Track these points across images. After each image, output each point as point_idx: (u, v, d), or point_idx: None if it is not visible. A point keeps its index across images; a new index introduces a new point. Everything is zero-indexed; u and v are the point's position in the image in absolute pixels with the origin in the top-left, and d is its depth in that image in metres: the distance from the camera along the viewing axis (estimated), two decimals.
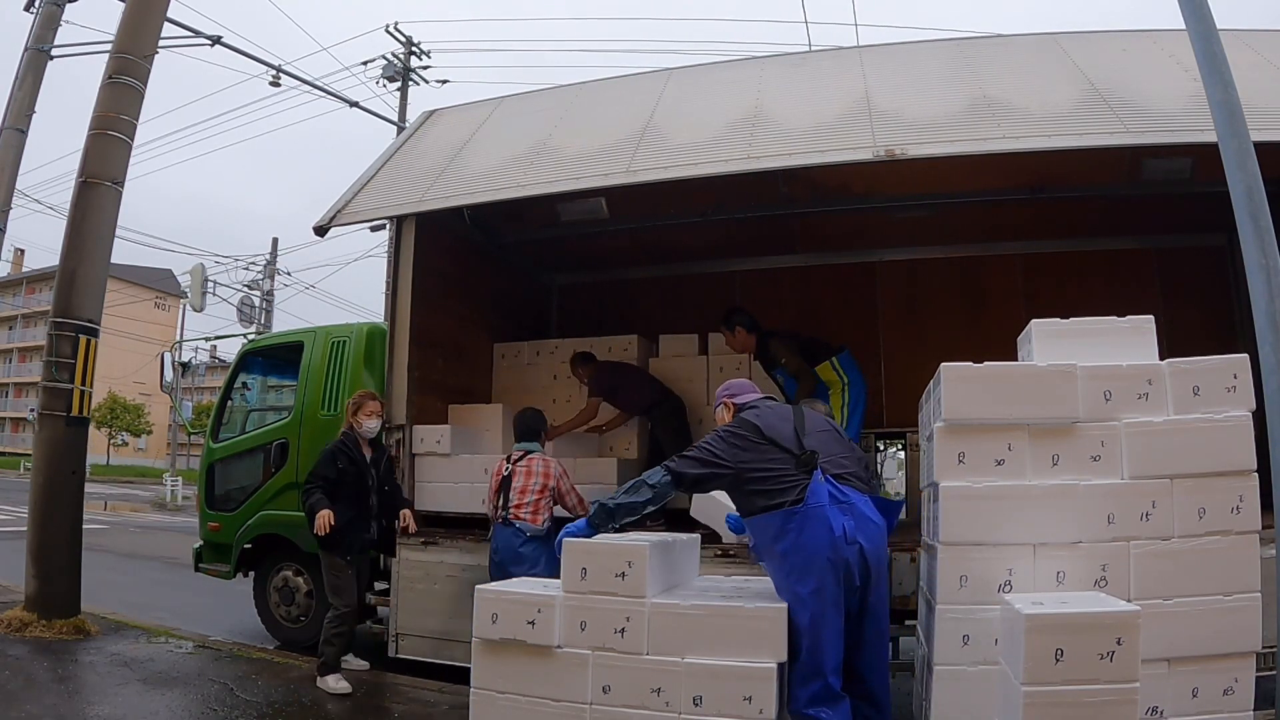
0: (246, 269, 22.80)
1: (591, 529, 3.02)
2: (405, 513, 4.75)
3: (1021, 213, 6.01)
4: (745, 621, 2.87)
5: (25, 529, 5.45)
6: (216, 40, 11.42)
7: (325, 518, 4.24)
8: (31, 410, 23.99)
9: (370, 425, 4.59)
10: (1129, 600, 2.77)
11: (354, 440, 4.52)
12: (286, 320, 38.66)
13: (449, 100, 29.00)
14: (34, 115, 8.50)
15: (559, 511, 4.50)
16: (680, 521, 5.53)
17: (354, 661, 4.69)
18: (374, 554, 5.03)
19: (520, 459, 4.50)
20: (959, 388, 3.11)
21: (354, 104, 15.91)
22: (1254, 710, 2.87)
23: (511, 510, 4.35)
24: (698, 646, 2.84)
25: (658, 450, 5.68)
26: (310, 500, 4.33)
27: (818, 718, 2.80)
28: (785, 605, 2.91)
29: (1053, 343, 3.22)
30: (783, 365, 5.42)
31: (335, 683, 4.30)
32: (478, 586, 3.15)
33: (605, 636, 2.92)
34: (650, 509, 3.03)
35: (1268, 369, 3.13)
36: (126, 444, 49.12)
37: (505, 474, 4.46)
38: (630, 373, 6.03)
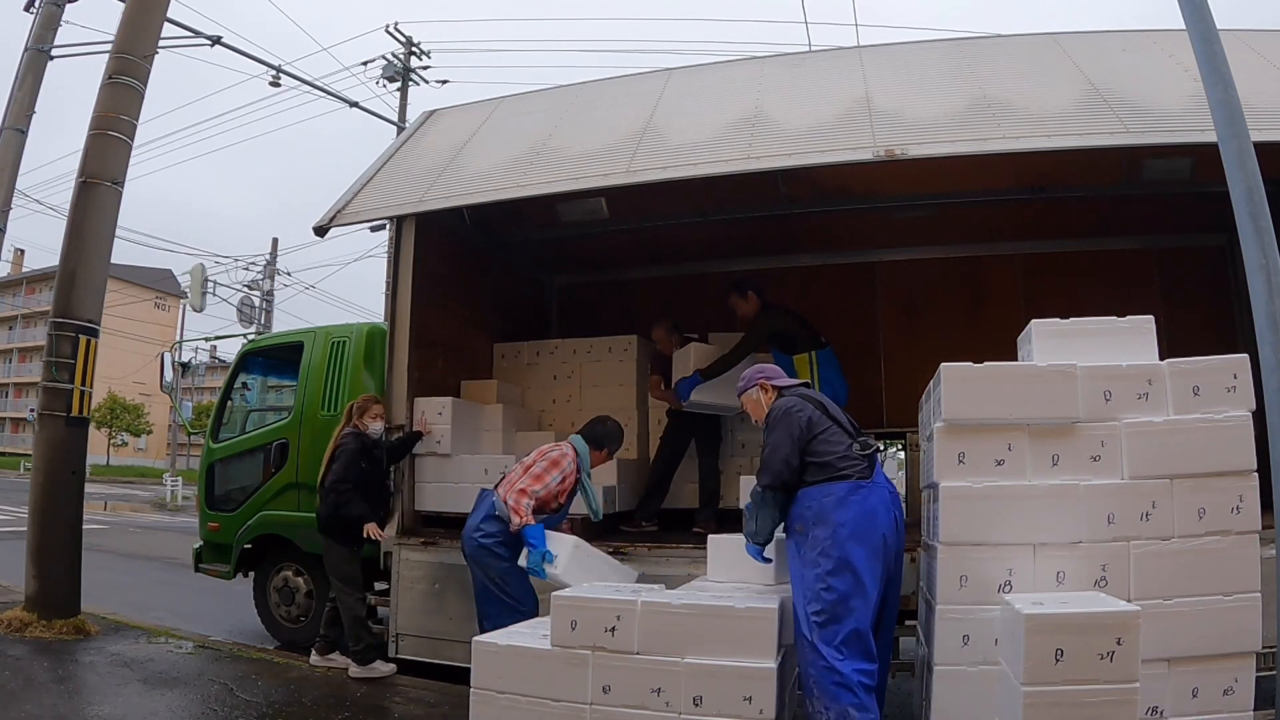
0: (246, 269, 22.82)
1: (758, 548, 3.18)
2: (370, 526, 4.64)
3: (1021, 213, 6.01)
4: (737, 621, 2.87)
5: (25, 529, 5.45)
6: (216, 40, 11.42)
7: (374, 530, 4.62)
8: (31, 410, 24.00)
9: (376, 428, 4.77)
10: (1129, 600, 2.78)
11: (369, 440, 4.72)
12: (286, 320, 38.76)
13: (449, 100, 29.00)
14: (34, 115, 8.49)
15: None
16: (677, 523, 5.55)
17: (338, 659, 4.74)
18: (370, 552, 5.00)
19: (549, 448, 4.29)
20: (959, 388, 3.12)
21: (354, 104, 15.92)
22: (1254, 710, 2.88)
23: (502, 481, 4.15)
24: (689, 646, 2.84)
25: (678, 448, 5.64)
26: (353, 510, 4.59)
27: (859, 702, 2.77)
28: (777, 605, 2.91)
29: (1053, 343, 3.23)
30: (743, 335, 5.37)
31: (384, 666, 4.57)
32: (554, 594, 3.14)
33: (596, 635, 2.93)
34: (779, 517, 3.12)
35: (1268, 369, 3.13)
36: (126, 444, 49.10)
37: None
38: None
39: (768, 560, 3.24)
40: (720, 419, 5.73)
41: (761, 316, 5.43)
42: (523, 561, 3.86)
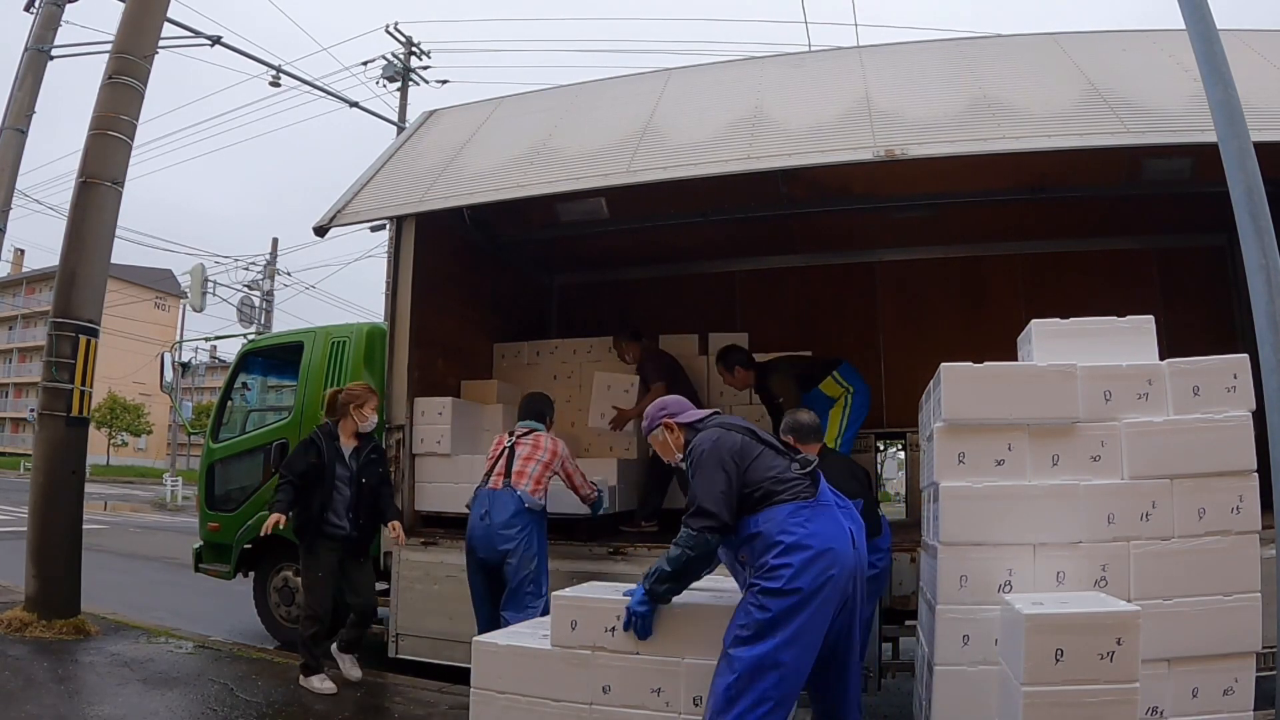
0: (246, 269, 22.83)
1: (652, 603, 2.77)
2: (395, 525, 4.48)
3: (1022, 213, 6.01)
4: None
5: (25, 529, 5.45)
6: (216, 40, 11.41)
7: (270, 521, 4.10)
8: (31, 410, 24.00)
9: (373, 420, 4.46)
10: (1129, 600, 2.78)
11: (330, 432, 4.38)
12: (286, 320, 38.77)
13: (449, 100, 28.99)
14: (34, 115, 8.49)
15: (569, 500, 4.56)
16: (677, 523, 5.54)
17: (350, 670, 4.47)
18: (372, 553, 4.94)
19: (525, 434, 4.42)
20: (959, 388, 3.12)
21: (354, 104, 15.91)
22: (1254, 710, 2.88)
23: (513, 476, 4.23)
24: (689, 646, 2.82)
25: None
26: (273, 498, 4.27)
27: None
28: None
29: (1053, 343, 3.23)
30: (780, 403, 5.42)
31: (319, 683, 4.23)
32: (555, 594, 3.10)
33: (596, 635, 2.93)
34: (706, 570, 2.78)
35: (1268, 369, 3.13)
36: (126, 444, 49.10)
37: (508, 445, 4.38)
38: (675, 363, 5.93)
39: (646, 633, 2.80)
40: None
41: (775, 378, 5.44)
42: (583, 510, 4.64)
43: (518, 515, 4.15)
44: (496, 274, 6.66)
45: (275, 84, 15.04)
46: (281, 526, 4.13)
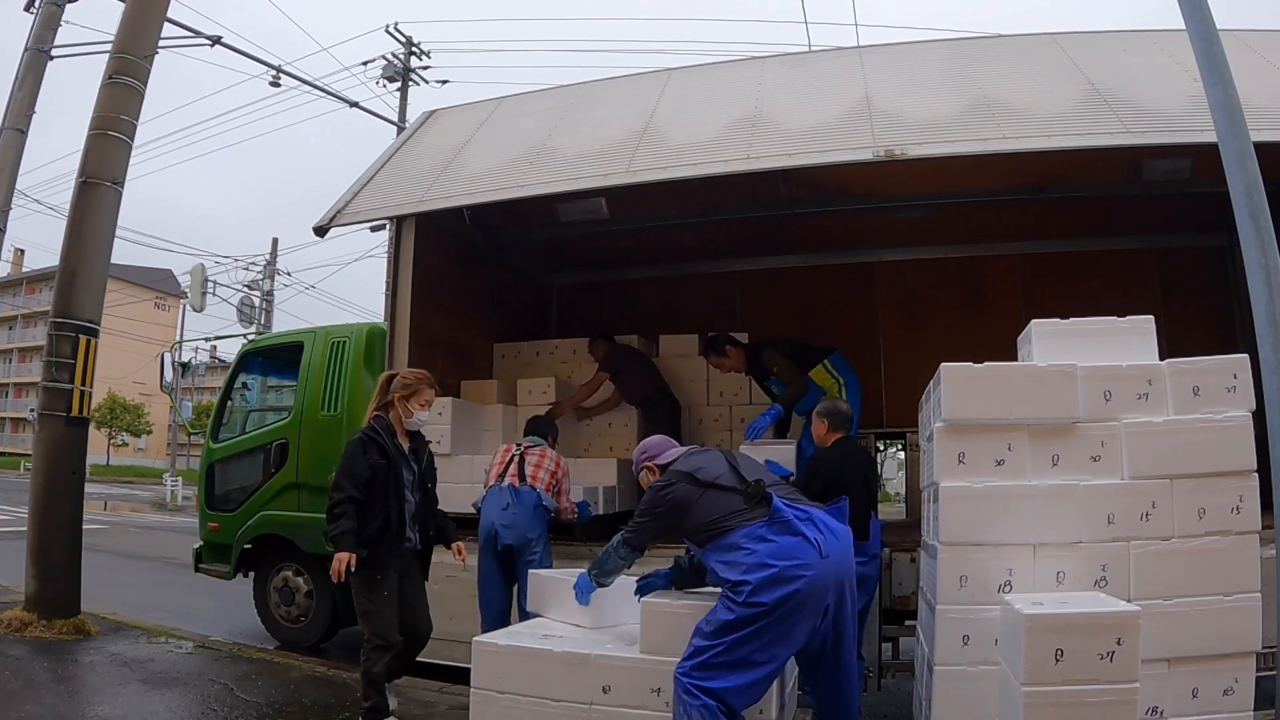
0: (246, 269, 22.80)
1: (592, 586, 3.22)
2: (459, 546, 3.94)
3: (1022, 213, 6.02)
4: None
5: (25, 529, 5.45)
6: (216, 40, 11.41)
7: (342, 563, 3.32)
8: (31, 410, 24.00)
9: (422, 417, 3.71)
10: (1129, 600, 2.78)
11: (388, 427, 3.61)
12: (286, 320, 38.67)
13: (449, 100, 28.97)
14: (34, 115, 8.49)
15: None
16: None
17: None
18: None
19: (532, 447, 4.61)
20: (959, 388, 3.12)
21: (354, 104, 15.91)
22: (1254, 710, 2.88)
23: (528, 479, 4.44)
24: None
25: None
26: (335, 527, 3.39)
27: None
28: None
29: (1053, 343, 3.23)
30: (774, 374, 5.44)
31: None
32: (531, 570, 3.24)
33: (551, 603, 3.04)
34: (625, 569, 3.18)
35: (1268, 369, 3.13)
36: (126, 444, 49.10)
37: (516, 453, 4.56)
38: (638, 360, 6.10)
39: (586, 603, 3.23)
40: (678, 419, 5.86)
41: (768, 352, 5.49)
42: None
43: (538, 509, 4.37)
44: (496, 274, 6.66)
45: (275, 84, 15.03)
46: (354, 569, 3.36)
